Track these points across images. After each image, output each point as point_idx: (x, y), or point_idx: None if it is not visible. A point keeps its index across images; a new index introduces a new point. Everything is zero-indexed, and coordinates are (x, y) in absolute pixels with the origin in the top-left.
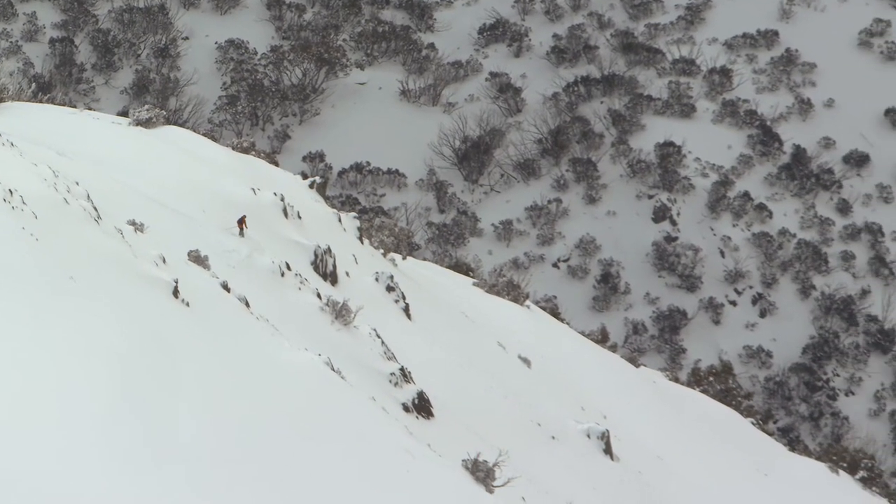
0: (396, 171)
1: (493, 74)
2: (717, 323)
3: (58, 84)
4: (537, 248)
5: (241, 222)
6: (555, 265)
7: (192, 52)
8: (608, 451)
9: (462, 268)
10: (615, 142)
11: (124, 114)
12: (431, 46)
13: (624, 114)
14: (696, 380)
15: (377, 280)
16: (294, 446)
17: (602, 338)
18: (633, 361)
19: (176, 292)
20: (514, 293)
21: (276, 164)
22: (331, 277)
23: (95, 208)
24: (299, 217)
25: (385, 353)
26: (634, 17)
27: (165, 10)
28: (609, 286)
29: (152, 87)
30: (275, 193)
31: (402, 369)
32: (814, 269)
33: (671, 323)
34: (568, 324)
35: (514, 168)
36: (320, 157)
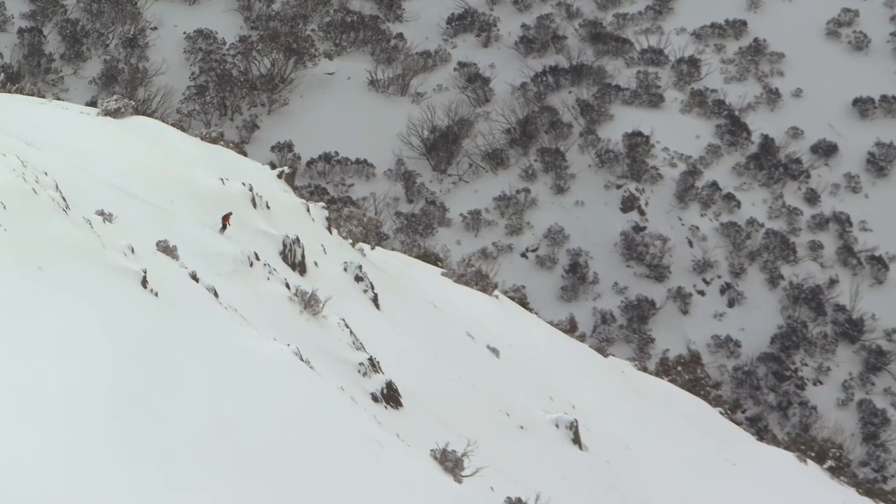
0: (365, 161)
1: (462, 64)
2: (685, 313)
3: (26, 74)
4: (506, 238)
5: (226, 219)
6: (523, 255)
7: (161, 42)
8: (577, 440)
9: (431, 258)
10: (583, 132)
11: (93, 104)
12: (400, 36)
13: (592, 104)
14: (665, 369)
15: (346, 270)
16: (262, 436)
17: (570, 327)
18: (602, 351)
19: (145, 282)
20: (482, 283)
21: (245, 155)
22: (299, 267)
23: (64, 198)
24: (268, 207)
25: (354, 343)
26: (603, 6)
27: (134, 0)
28: (577, 276)
29: (121, 77)
30: (243, 183)
31: (370, 359)
32: (782, 259)
33: (639, 313)
34: (536, 314)
35: (482, 158)
36: (289, 147)
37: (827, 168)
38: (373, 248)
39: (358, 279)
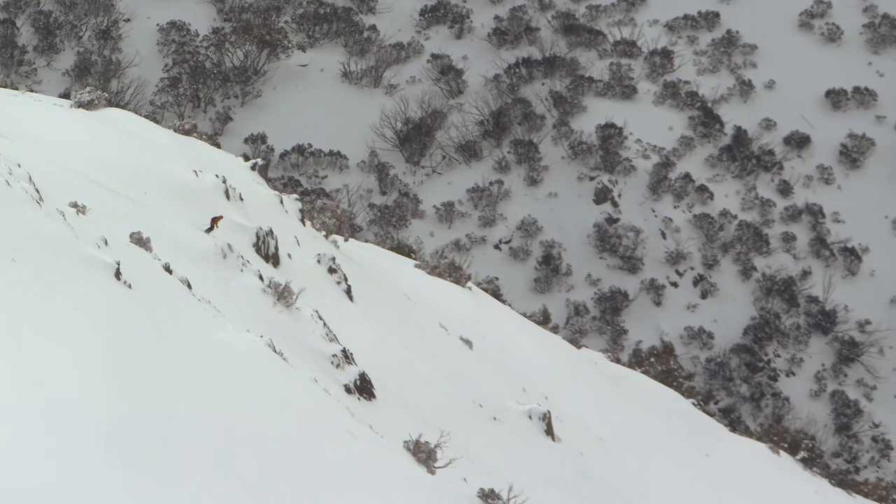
0: (338, 152)
1: (435, 56)
2: (658, 304)
3: None
4: (479, 230)
5: (215, 221)
6: (496, 247)
7: (134, 34)
8: (549, 432)
9: (404, 249)
10: (556, 123)
11: (66, 96)
12: (373, 28)
13: (565, 95)
14: (638, 361)
15: (319, 262)
16: (235, 428)
17: (544, 319)
18: (575, 342)
19: (118, 274)
20: (455, 275)
21: (218, 146)
22: (273, 259)
23: (37, 190)
24: (241, 199)
25: (327, 335)
26: None
27: None
28: (551, 268)
29: (94, 69)
30: (216, 175)
31: (343, 351)
32: (755, 251)
33: (613, 304)
34: (510, 305)
35: (455, 150)
36: (262, 138)
37: (800, 160)
38: (346, 240)
39: (331, 271)
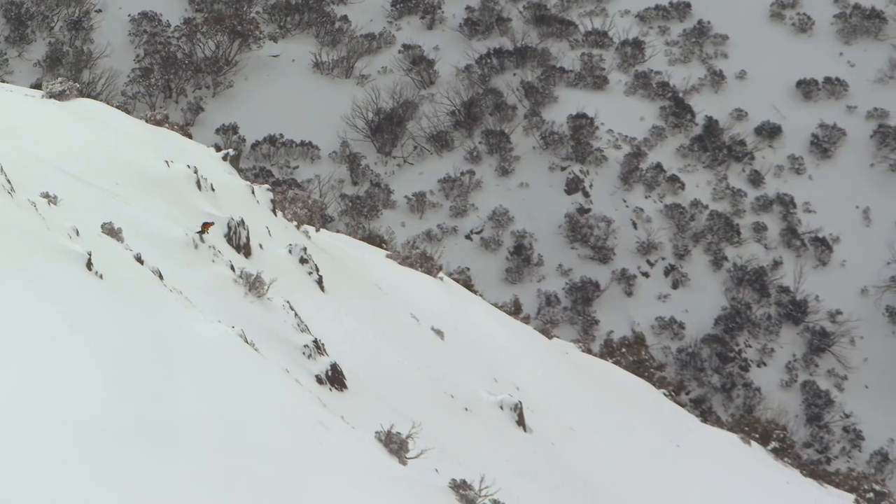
0: (310, 143)
1: (406, 47)
2: (629, 294)
3: None
4: (450, 220)
5: (206, 228)
6: (468, 237)
7: (106, 24)
8: (521, 422)
9: (375, 240)
10: (528, 114)
11: (38, 86)
12: (344, 19)
13: (537, 86)
14: (609, 351)
15: (290, 252)
16: (206, 419)
17: (515, 309)
18: (546, 333)
19: (90, 264)
20: (427, 265)
21: (190, 137)
22: (244, 249)
23: (9, 181)
24: (213, 189)
25: (298, 325)
26: None
27: None
28: (522, 258)
29: (66, 59)
30: (188, 166)
31: (315, 341)
32: (726, 241)
33: (584, 294)
34: (481, 295)
35: (427, 140)
36: (233, 129)
37: (771, 150)
38: (317, 231)
39: (303, 261)
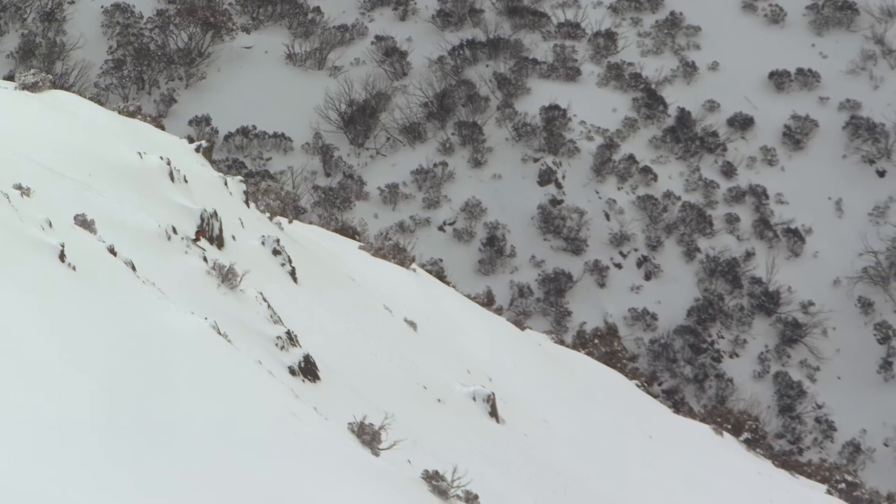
0: (282, 134)
1: (379, 38)
2: (602, 286)
3: None
4: (423, 212)
5: (199, 235)
6: (440, 228)
7: (79, 16)
8: (494, 413)
9: (348, 231)
10: (501, 105)
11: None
12: (317, 10)
13: (509, 77)
14: (582, 342)
15: (263, 244)
16: (179, 410)
17: (488, 301)
18: (519, 324)
19: (62, 256)
20: (400, 256)
21: (163, 128)
22: (217, 241)
23: None
24: (185, 181)
25: (271, 317)
26: None
27: None
28: (495, 249)
29: (38, 51)
30: (161, 157)
31: (288, 333)
32: (698, 232)
33: (556, 286)
34: (454, 287)
35: (400, 131)
36: (206, 120)
37: (743, 141)
38: (290, 222)
39: (276, 253)
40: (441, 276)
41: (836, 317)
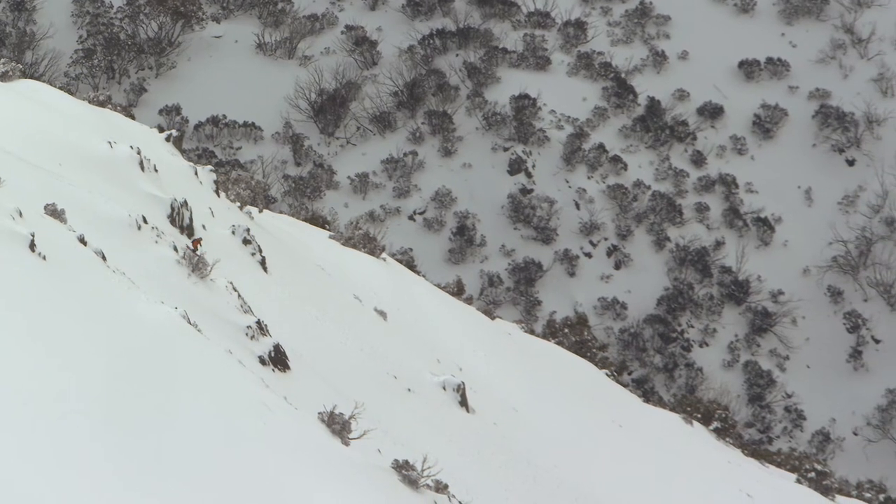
0: (253, 124)
1: (349, 27)
2: (572, 275)
3: None
4: (393, 201)
5: (196, 243)
6: (411, 218)
7: (49, 5)
8: (464, 403)
9: (318, 220)
10: (470, 94)
11: None
12: (287, 0)
13: (479, 66)
14: (552, 332)
15: (234, 233)
16: (148, 399)
17: (458, 290)
18: (489, 314)
19: (33, 246)
20: (370, 246)
21: (133, 118)
22: (187, 230)
23: None
24: (156, 170)
25: (241, 306)
26: None
27: None
28: (465, 238)
29: (8, 40)
30: (131, 146)
31: (258, 322)
32: (668, 221)
33: (527, 275)
34: (424, 276)
35: (370, 121)
36: (177, 110)
37: (713, 130)
38: (261, 212)
39: (246, 242)
40: (411, 265)
41: (805, 306)
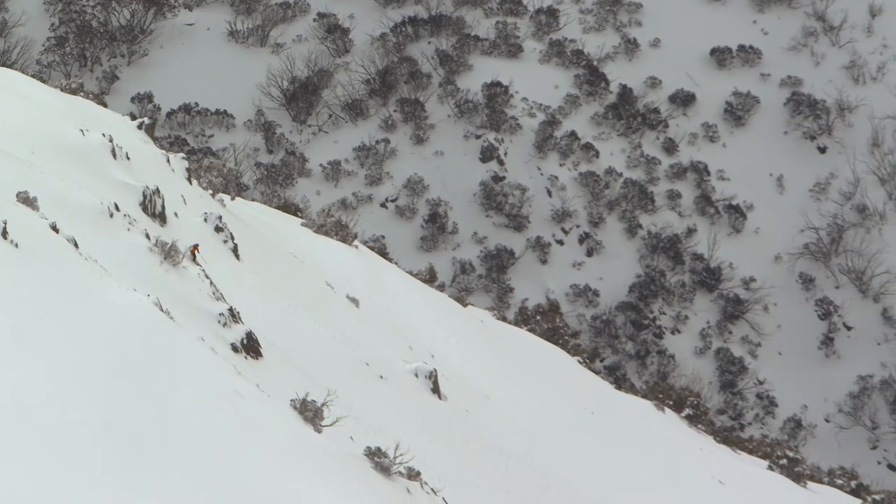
0: (225, 111)
1: (321, 15)
2: (544, 262)
3: None
4: (365, 189)
5: (193, 250)
6: (383, 205)
7: None
8: (436, 390)
9: (290, 208)
10: (443, 82)
11: None
12: None
13: (451, 54)
14: (524, 319)
15: (206, 221)
16: (120, 388)
17: (430, 277)
18: (461, 301)
19: (5, 233)
20: (342, 233)
21: (105, 106)
22: (159, 218)
23: None
24: (128, 158)
25: (214, 294)
26: None
27: None
28: (437, 226)
29: None
30: (103, 134)
31: (230, 309)
32: (640, 208)
33: (499, 262)
34: (396, 263)
35: (342, 108)
36: (149, 98)
37: (685, 118)
38: (233, 199)
39: (218, 230)
40: (383, 252)
41: (777, 293)
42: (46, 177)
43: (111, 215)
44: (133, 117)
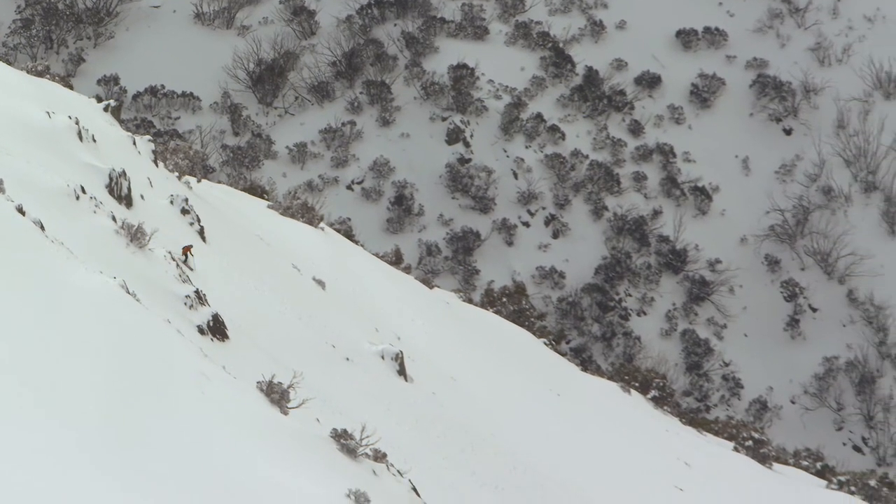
0: (191, 94)
1: None
2: (510, 244)
3: None
4: (331, 171)
5: (186, 250)
6: (349, 187)
7: None
8: (402, 372)
9: (257, 190)
10: (409, 64)
11: None
12: None
13: (417, 36)
14: (490, 301)
15: (172, 203)
16: (86, 369)
17: (396, 259)
18: (427, 283)
19: None
20: (308, 215)
21: (71, 88)
22: (126, 200)
23: None
24: (94, 140)
25: (180, 276)
26: None
27: None
28: (403, 208)
29: None
30: (69, 117)
31: (196, 291)
32: (606, 190)
33: (465, 244)
34: (362, 246)
35: (308, 91)
36: (115, 80)
37: (651, 99)
38: (199, 181)
39: (184, 212)
40: (349, 234)
41: (742, 275)
42: (13, 159)
43: (77, 198)
44: (99, 99)
